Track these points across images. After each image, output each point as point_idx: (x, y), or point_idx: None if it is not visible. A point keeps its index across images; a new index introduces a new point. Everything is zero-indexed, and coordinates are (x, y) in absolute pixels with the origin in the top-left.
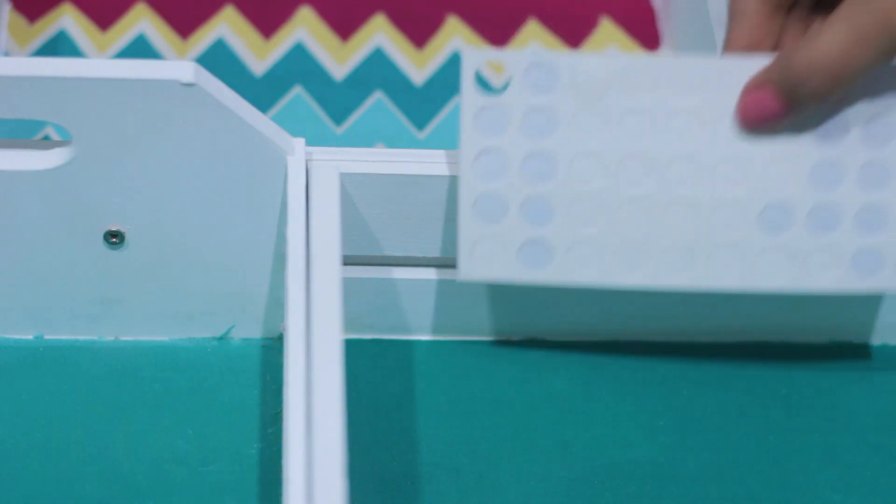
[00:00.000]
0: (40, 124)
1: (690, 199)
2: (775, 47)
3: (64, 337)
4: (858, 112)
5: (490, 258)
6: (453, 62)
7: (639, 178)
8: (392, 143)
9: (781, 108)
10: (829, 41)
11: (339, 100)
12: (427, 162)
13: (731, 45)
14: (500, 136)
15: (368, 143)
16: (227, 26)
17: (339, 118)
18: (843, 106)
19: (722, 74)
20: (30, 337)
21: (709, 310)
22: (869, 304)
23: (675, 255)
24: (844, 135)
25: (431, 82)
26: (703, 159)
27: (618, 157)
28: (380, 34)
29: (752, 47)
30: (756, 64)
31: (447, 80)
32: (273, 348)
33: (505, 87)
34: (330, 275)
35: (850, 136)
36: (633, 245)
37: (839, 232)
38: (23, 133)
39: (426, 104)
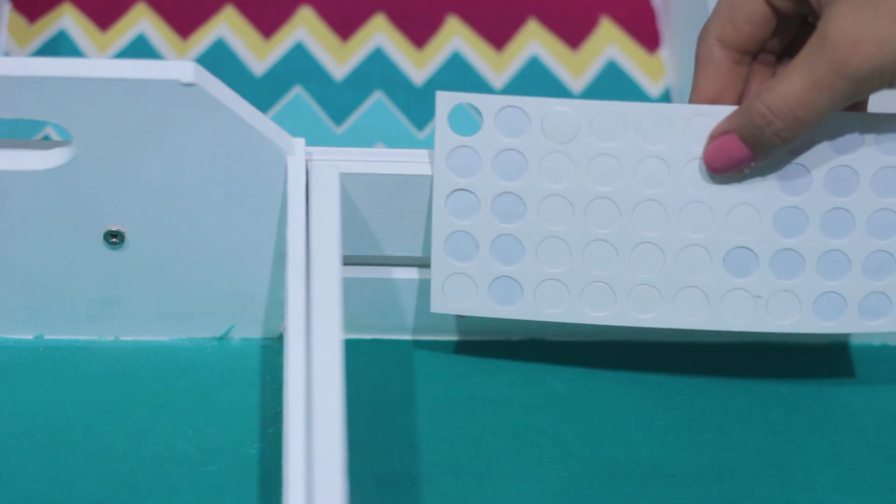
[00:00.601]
0: (40, 124)
1: (657, 241)
2: (741, 95)
3: (64, 337)
4: (821, 159)
5: (461, 293)
6: (453, 62)
7: (607, 219)
8: (392, 143)
9: (746, 153)
10: (788, 87)
11: (339, 100)
12: (427, 162)
13: (698, 93)
14: (473, 176)
15: (368, 143)
16: (227, 26)
17: (339, 118)
18: (806, 152)
19: (689, 121)
20: (30, 337)
21: None
22: None
23: (642, 295)
24: (808, 182)
25: (431, 82)
26: (670, 203)
27: (586, 199)
28: (380, 34)
29: (718, 95)
30: (722, 111)
31: (447, 80)
32: (273, 348)
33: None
34: (330, 275)
35: (813, 183)
36: (601, 284)
37: (802, 276)
38: (23, 133)
39: (426, 104)
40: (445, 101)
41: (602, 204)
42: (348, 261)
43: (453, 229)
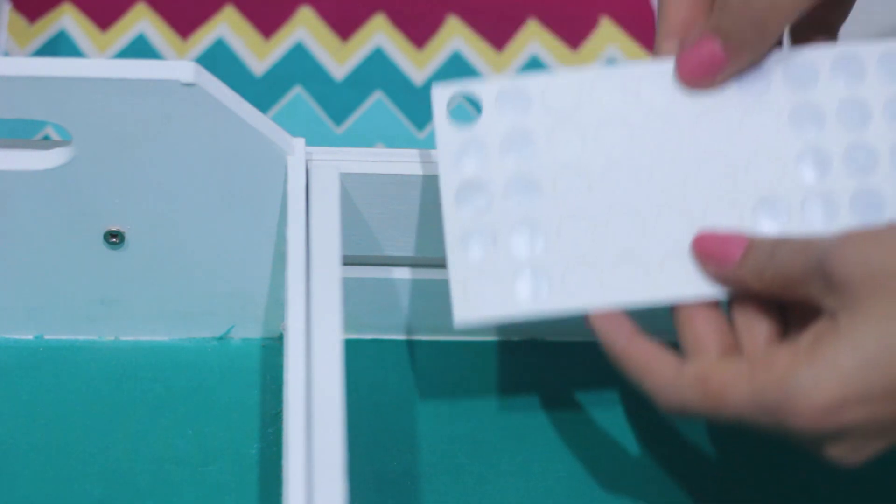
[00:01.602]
0: (40, 124)
1: (680, 203)
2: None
3: (64, 337)
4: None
5: (485, 295)
6: (453, 62)
7: (625, 187)
8: (392, 143)
9: (724, 54)
10: None
11: (339, 100)
12: (427, 162)
13: (667, 21)
14: (480, 166)
15: (368, 143)
16: (227, 26)
17: (339, 118)
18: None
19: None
20: (30, 337)
21: None
22: None
23: (678, 263)
24: (822, 122)
25: (431, 82)
26: (687, 160)
27: (600, 168)
28: (380, 34)
29: (689, 21)
30: None
31: (447, 79)
32: (273, 348)
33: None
34: (330, 275)
35: (826, 119)
36: (630, 260)
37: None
38: (23, 133)
39: (426, 104)
40: (442, 93)
41: (617, 172)
42: (348, 261)
43: (467, 228)
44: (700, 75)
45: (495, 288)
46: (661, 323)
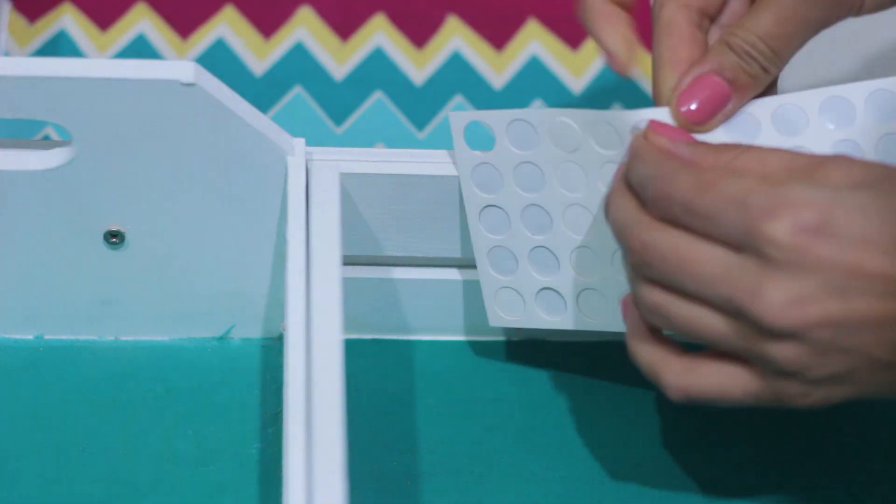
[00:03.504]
0: (40, 124)
1: None
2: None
3: (64, 337)
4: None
5: (513, 305)
6: (453, 62)
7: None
8: (392, 143)
9: (725, 90)
10: (761, 19)
11: (339, 100)
12: (427, 162)
13: (670, 61)
14: (498, 191)
15: (368, 143)
16: (227, 26)
17: (339, 118)
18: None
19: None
20: (30, 337)
21: None
22: None
23: None
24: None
25: (431, 82)
26: None
27: (602, 205)
28: (380, 34)
29: (686, 59)
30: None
31: (447, 80)
32: (273, 348)
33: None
34: (330, 275)
35: None
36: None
37: None
38: (23, 133)
39: (426, 104)
40: (459, 120)
41: None
42: (348, 261)
43: (492, 244)
44: (704, 113)
45: (519, 301)
46: None
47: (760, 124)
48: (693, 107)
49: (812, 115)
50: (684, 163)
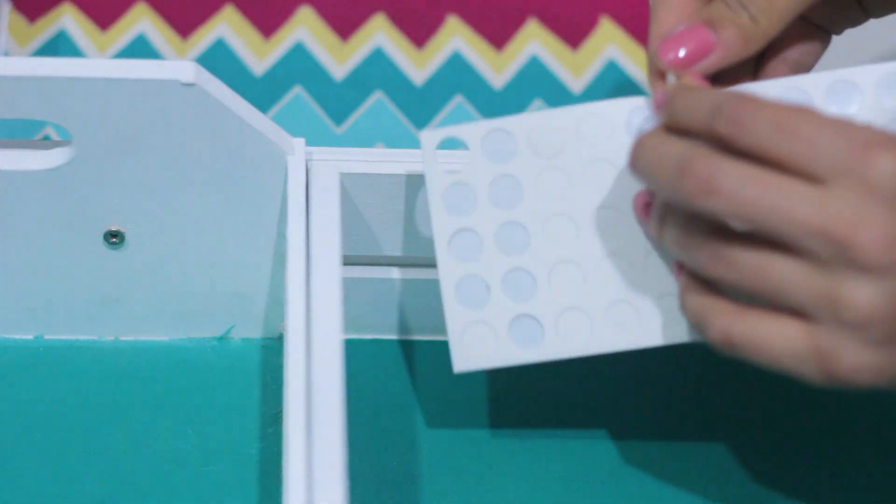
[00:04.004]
0: (40, 124)
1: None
2: None
3: (64, 337)
4: None
5: (482, 344)
6: (453, 62)
7: (615, 232)
8: (392, 143)
9: (713, 42)
10: None
11: (339, 100)
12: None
13: (660, 27)
14: (470, 214)
15: (368, 143)
16: (227, 26)
17: (339, 118)
18: None
19: None
20: (30, 337)
21: None
22: None
23: (669, 308)
24: None
25: (431, 82)
26: None
27: (590, 213)
28: (380, 34)
29: (679, 21)
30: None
31: (447, 80)
32: (273, 348)
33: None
34: (330, 275)
35: None
36: (622, 304)
37: None
38: (23, 133)
39: (426, 104)
40: (430, 139)
41: (607, 215)
42: (348, 261)
43: (461, 274)
44: (685, 59)
45: (491, 337)
46: None
47: None
48: (672, 56)
49: (818, 99)
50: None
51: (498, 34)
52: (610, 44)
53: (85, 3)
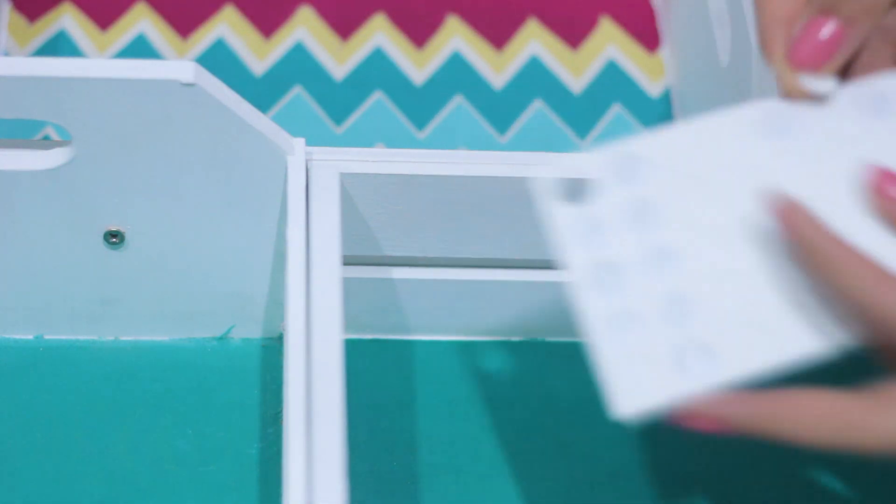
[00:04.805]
0: (40, 124)
1: None
2: None
3: (64, 337)
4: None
5: (647, 383)
6: (453, 62)
7: (763, 236)
8: (392, 143)
9: (840, 29)
10: None
11: (339, 100)
12: (427, 162)
13: (771, 14)
14: (607, 247)
15: (368, 143)
16: (227, 26)
17: (339, 118)
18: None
19: (803, 111)
20: (30, 337)
21: None
22: None
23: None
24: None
25: (431, 82)
26: (825, 204)
27: (732, 222)
28: (380, 34)
29: (793, 15)
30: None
31: (447, 80)
32: (273, 348)
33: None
34: (330, 275)
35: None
36: (797, 309)
37: None
38: (23, 133)
39: (426, 104)
40: (543, 185)
41: (751, 222)
42: (348, 261)
43: (609, 312)
44: (820, 57)
45: (655, 372)
46: None
47: (889, 109)
48: (810, 54)
49: None
50: None
51: (498, 34)
52: (610, 44)
53: (85, 3)
